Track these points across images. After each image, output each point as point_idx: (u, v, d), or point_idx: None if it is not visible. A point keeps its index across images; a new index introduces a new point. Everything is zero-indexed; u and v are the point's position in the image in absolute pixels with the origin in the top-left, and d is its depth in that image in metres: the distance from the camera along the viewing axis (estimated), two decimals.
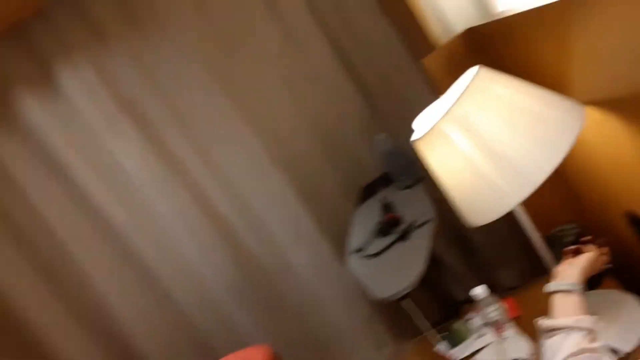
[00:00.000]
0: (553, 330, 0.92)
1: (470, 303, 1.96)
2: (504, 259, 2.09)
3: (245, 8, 2.07)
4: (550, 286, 1.02)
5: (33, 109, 2.02)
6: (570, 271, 1.03)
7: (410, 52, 1.99)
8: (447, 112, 1.05)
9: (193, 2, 2.07)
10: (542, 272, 1.76)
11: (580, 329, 0.88)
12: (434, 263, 1.96)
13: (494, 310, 1.25)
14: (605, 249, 1.11)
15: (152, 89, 2.12)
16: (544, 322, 0.95)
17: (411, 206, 1.73)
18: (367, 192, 2.19)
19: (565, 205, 1.51)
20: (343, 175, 2.22)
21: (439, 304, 2.12)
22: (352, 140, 2.20)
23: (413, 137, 1.18)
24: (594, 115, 1.06)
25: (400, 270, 1.44)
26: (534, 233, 1.18)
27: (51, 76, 2.04)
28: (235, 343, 2.22)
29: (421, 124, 1.21)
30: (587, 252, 1.08)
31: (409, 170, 1.90)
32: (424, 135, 1.11)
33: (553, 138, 0.98)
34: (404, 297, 1.39)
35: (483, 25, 1.46)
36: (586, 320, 0.90)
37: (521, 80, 1.08)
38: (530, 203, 1.09)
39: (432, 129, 1.08)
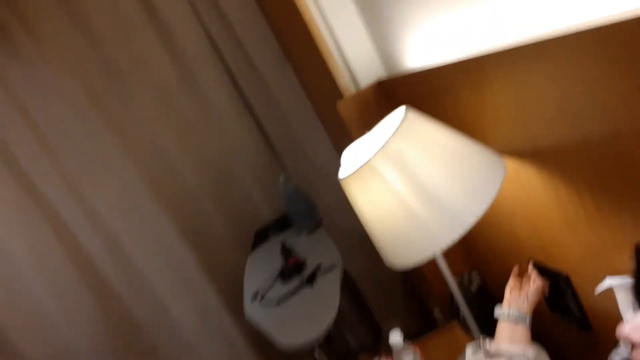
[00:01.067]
0: (499, 355, 0.95)
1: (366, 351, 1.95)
2: (394, 309, 2.12)
3: (137, 36, 1.93)
4: (503, 313, 1.04)
5: None
6: (521, 301, 1.06)
7: (313, 98, 2.01)
8: (380, 149, 1.03)
9: (74, 21, 1.86)
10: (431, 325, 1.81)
11: (524, 357, 0.93)
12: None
13: (409, 356, 1.22)
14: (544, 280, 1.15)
15: (13, 107, 1.82)
16: (491, 346, 0.98)
17: (314, 251, 1.67)
18: (260, 237, 2.08)
19: (466, 254, 1.59)
20: (232, 220, 2.10)
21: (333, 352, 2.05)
22: (246, 182, 2.11)
23: (340, 174, 1.14)
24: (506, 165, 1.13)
25: (309, 317, 1.35)
26: (450, 279, 1.19)
27: None
28: None
29: (348, 162, 1.18)
30: (533, 280, 1.11)
31: (310, 214, 1.86)
32: (354, 172, 1.07)
33: (482, 182, 1.02)
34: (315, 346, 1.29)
35: (395, 78, 1.53)
36: (530, 352, 0.94)
37: (444, 125, 1.12)
38: None
39: (364, 165, 1.05)
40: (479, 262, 1.54)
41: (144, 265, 1.96)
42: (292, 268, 1.57)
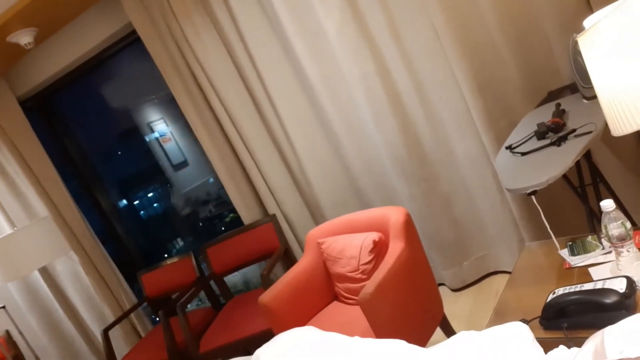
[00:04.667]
0: None
1: None
2: None
3: None
4: None
5: None
6: None
7: None
8: (612, 12, 1.01)
9: None
10: None
11: None
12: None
13: (617, 226, 1.24)
14: None
15: None
16: None
17: (582, 116, 1.66)
18: (552, 96, 2.10)
19: None
20: (527, 75, 2.15)
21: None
22: (548, 39, 2.08)
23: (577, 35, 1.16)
24: None
25: (539, 170, 1.48)
26: None
27: None
28: (387, 203, 2.54)
29: (591, 23, 1.17)
30: None
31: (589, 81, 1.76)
32: (583, 33, 1.09)
33: None
34: (531, 193, 1.45)
35: None
36: None
37: None
38: None
39: (592, 27, 1.05)
40: None
41: (439, 106, 2.32)
42: (549, 127, 1.64)
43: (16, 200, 3.29)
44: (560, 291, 1.34)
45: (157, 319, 3.53)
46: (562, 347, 0.92)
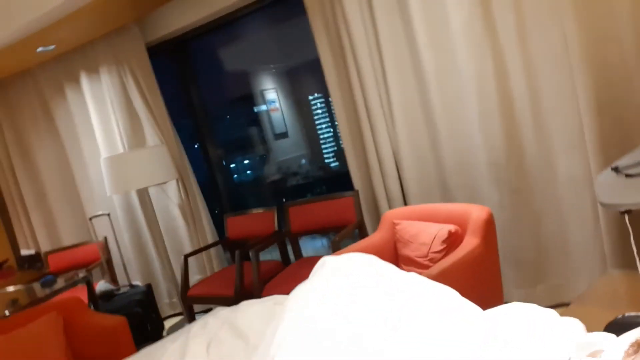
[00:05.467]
0: None
1: None
2: None
3: None
4: None
5: None
6: None
7: None
8: None
9: None
10: None
11: None
12: None
13: None
14: None
15: None
16: None
17: None
18: None
19: None
20: None
21: None
22: None
23: None
24: None
25: (634, 191, 1.41)
26: None
27: None
28: (471, 201, 2.51)
29: None
30: None
31: None
32: None
33: None
34: (625, 212, 1.39)
35: None
36: None
37: None
38: None
39: None
40: None
41: (551, 118, 2.23)
42: None
43: (132, 128, 3.70)
44: (631, 314, 1.29)
45: (229, 261, 3.80)
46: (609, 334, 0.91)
